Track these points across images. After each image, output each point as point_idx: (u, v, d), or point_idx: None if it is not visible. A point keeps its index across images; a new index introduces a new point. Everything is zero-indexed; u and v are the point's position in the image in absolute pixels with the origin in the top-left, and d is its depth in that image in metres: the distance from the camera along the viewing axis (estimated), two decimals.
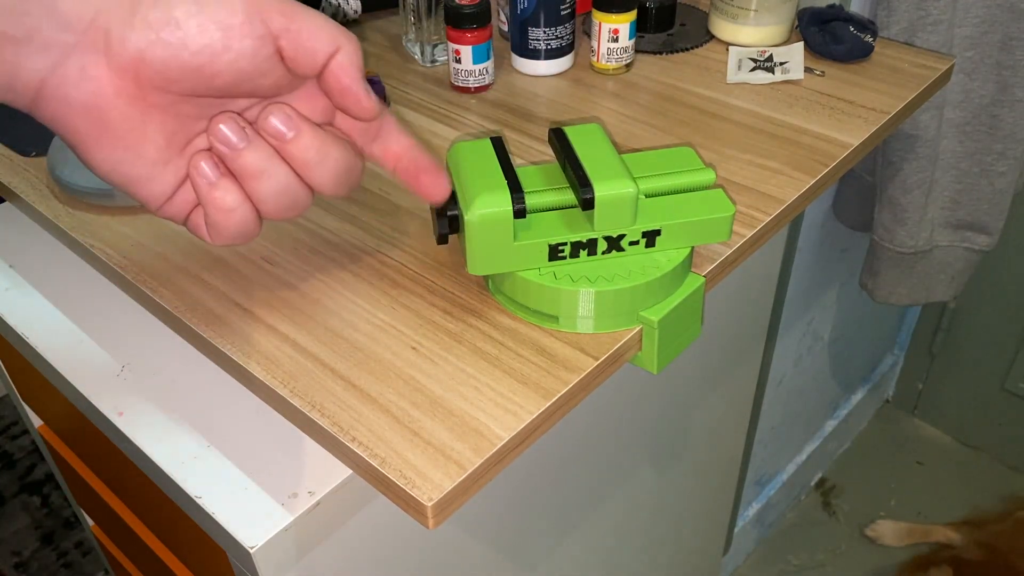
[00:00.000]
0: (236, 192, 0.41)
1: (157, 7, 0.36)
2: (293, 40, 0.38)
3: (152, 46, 0.36)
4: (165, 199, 0.41)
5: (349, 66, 0.40)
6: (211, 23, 0.37)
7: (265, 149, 0.41)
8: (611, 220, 0.46)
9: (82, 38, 0.36)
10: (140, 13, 0.36)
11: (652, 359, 0.49)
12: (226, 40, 0.37)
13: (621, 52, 0.71)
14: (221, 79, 0.38)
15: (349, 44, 0.40)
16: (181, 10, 0.36)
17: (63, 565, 1.52)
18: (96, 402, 0.50)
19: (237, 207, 0.41)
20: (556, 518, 0.69)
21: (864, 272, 1.18)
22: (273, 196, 0.41)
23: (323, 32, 0.39)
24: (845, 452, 1.68)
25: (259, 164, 0.40)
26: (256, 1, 0.37)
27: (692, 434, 0.86)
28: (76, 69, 0.36)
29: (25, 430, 1.73)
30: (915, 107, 0.70)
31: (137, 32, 0.36)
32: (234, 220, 0.41)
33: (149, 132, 0.39)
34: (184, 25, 0.36)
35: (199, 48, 0.37)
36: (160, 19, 0.36)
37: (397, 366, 0.46)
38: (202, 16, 0.36)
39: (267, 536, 0.43)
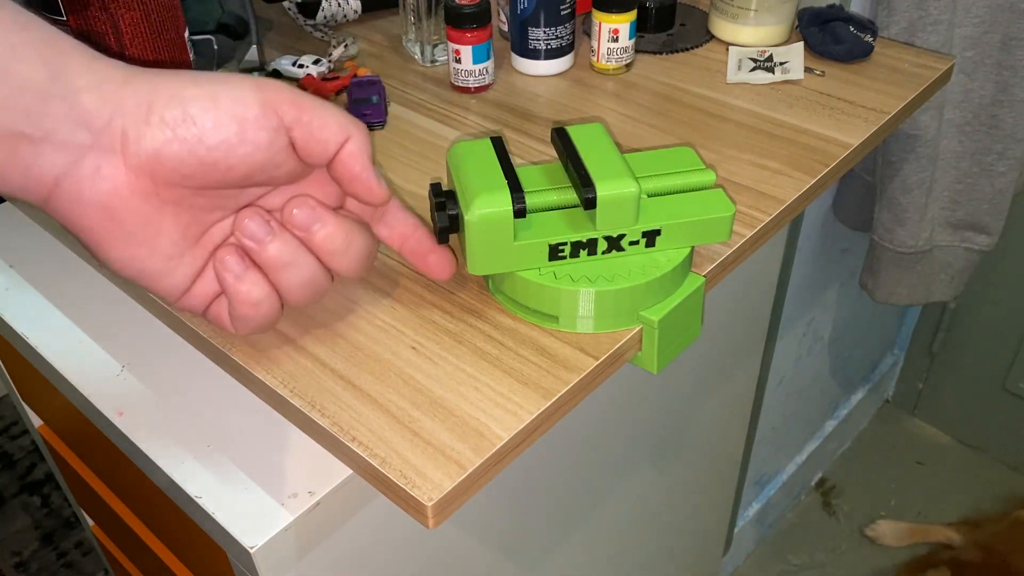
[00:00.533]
0: (263, 285, 0.42)
1: (172, 105, 0.37)
2: (305, 131, 0.39)
3: (168, 144, 0.37)
4: (183, 291, 0.42)
5: (360, 154, 0.41)
6: (227, 118, 0.37)
7: (291, 241, 0.42)
8: (613, 219, 0.46)
9: (99, 139, 0.36)
10: (156, 112, 0.37)
11: (652, 359, 0.49)
12: (241, 134, 0.38)
13: (621, 52, 0.71)
14: (236, 172, 0.39)
15: (359, 133, 0.41)
16: (196, 107, 0.37)
17: (63, 565, 1.52)
18: (96, 402, 0.50)
19: (263, 300, 0.42)
20: (556, 518, 0.69)
21: (864, 272, 1.18)
22: (299, 286, 0.42)
23: (333, 122, 0.40)
24: (845, 452, 1.68)
25: (286, 256, 0.41)
26: (269, 95, 0.38)
27: (692, 434, 0.86)
28: (91, 168, 0.37)
29: (25, 430, 1.73)
30: (915, 107, 0.70)
31: (153, 130, 0.37)
32: (261, 312, 0.42)
33: (164, 227, 0.39)
34: (200, 121, 0.37)
35: (215, 143, 0.37)
36: (176, 117, 0.37)
37: (397, 366, 0.46)
38: (218, 111, 0.37)
39: (267, 536, 0.43)
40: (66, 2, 0.51)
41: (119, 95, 0.36)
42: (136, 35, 0.52)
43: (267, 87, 0.38)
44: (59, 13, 0.51)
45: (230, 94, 0.37)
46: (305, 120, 0.39)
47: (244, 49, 0.74)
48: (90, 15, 0.51)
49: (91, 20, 0.51)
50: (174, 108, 0.37)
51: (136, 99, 0.37)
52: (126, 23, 0.51)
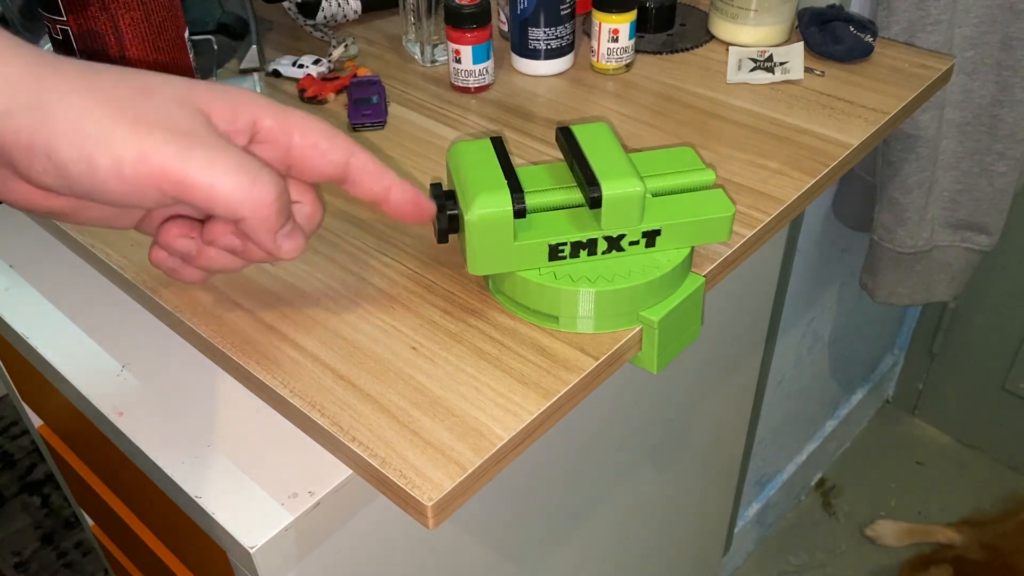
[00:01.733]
0: (200, 276, 0.45)
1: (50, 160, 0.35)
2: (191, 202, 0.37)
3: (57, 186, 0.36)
4: (134, 226, 0.44)
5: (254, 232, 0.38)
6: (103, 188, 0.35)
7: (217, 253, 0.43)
8: (618, 219, 0.46)
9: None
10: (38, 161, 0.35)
11: (652, 359, 0.49)
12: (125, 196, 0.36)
13: (621, 52, 0.71)
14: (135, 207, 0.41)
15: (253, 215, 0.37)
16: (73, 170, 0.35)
17: (63, 565, 1.52)
18: (96, 402, 0.50)
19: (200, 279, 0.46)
20: (556, 518, 0.69)
21: (864, 272, 1.18)
22: (240, 267, 0.44)
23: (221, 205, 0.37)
24: (845, 452, 1.68)
25: (215, 264, 0.43)
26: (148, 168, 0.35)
27: (692, 434, 0.86)
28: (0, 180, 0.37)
29: (25, 430, 1.73)
30: (915, 107, 0.70)
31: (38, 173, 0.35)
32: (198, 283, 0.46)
33: (91, 209, 0.41)
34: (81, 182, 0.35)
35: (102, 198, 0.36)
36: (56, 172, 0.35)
37: (397, 366, 0.46)
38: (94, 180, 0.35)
39: (267, 536, 0.43)
40: (66, 2, 0.51)
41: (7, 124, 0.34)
42: (136, 35, 0.52)
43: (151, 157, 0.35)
44: (59, 13, 0.51)
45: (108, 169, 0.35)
46: (189, 198, 0.36)
47: (244, 49, 0.74)
48: (90, 15, 0.51)
49: (91, 20, 0.51)
50: (53, 164, 0.35)
51: (16, 138, 0.34)
52: (126, 23, 0.51)
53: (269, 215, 0.38)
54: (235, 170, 0.36)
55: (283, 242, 0.39)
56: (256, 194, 0.37)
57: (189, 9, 0.69)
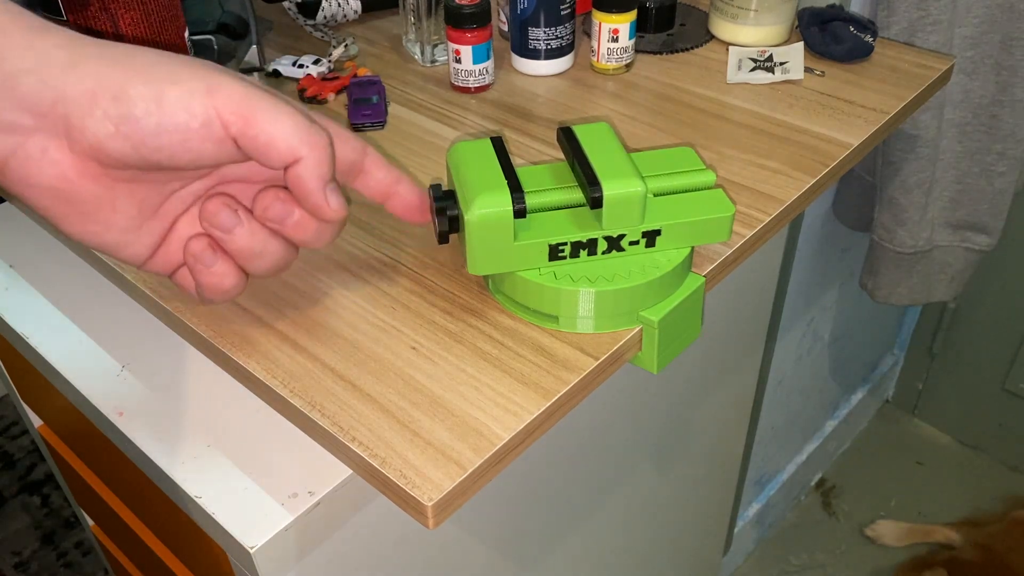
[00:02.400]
0: (231, 274, 0.42)
1: (118, 102, 0.35)
2: (251, 144, 0.38)
3: (111, 138, 0.36)
4: (145, 259, 0.42)
5: (308, 178, 0.39)
6: (170, 124, 0.36)
7: (259, 231, 0.41)
8: (619, 219, 0.46)
9: (42, 122, 0.36)
10: (101, 105, 0.35)
11: (652, 359, 0.49)
12: (184, 143, 0.37)
13: (621, 52, 0.71)
14: (184, 167, 0.38)
15: (310, 154, 0.38)
16: (140, 108, 0.36)
17: (63, 565, 1.52)
18: (96, 402, 0.50)
19: (232, 287, 0.42)
20: (556, 518, 0.69)
21: (864, 272, 1.18)
22: (266, 269, 0.43)
23: (282, 142, 0.38)
24: (845, 452, 1.68)
25: (256, 246, 0.42)
26: (219, 102, 0.36)
27: (692, 434, 0.86)
28: (38, 151, 0.36)
29: (25, 430, 1.73)
30: (915, 107, 0.70)
31: (96, 123, 0.36)
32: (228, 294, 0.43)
33: (118, 204, 0.39)
34: (143, 123, 0.36)
35: (158, 146, 0.36)
36: (119, 114, 0.35)
37: (397, 366, 0.46)
38: (161, 115, 0.36)
39: (267, 536, 0.43)
40: (66, 2, 0.51)
41: (62, 80, 0.35)
42: (136, 35, 0.52)
43: (220, 91, 0.36)
44: (59, 13, 0.51)
45: (177, 99, 0.36)
46: (251, 134, 0.37)
47: (244, 49, 0.74)
48: (90, 15, 0.51)
49: (91, 20, 0.51)
50: (119, 105, 0.35)
51: (80, 87, 0.35)
52: (126, 23, 0.51)
53: (324, 157, 0.39)
54: (294, 113, 0.38)
55: (331, 196, 0.40)
56: (314, 135, 0.38)
57: (189, 9, 0.69)
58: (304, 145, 0.38)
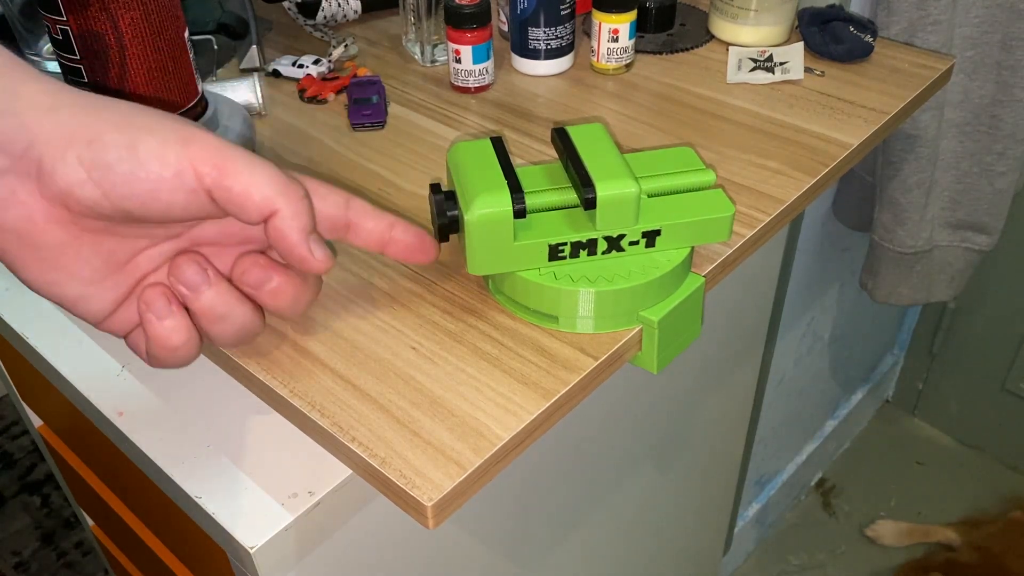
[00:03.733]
0: (183, 331, 0.40)
1: (91, 147, 0.35)
2: (224, 197, 0.36)
3: (82, 184, 0.35)
4: (104, 316, 0.40)
5: (288, 231, 0.38)
6: (142, 173, 0.35)
7: (227, 292, 0.40)
8: (613, 220, 0.46)
9: (15, 164, 0.35)
10: (74, 150, 0.35)
11: (652, 359, 0.49)
12: (155, 191, 0.36)
13: (621, 52, 0.71)
14: (154, 219, 0.37)
15: (288, 205, 0.37)
16: (113, 154, 0.35)
17: (63, 565, 1.52)
18: (96, 402, 0.50)
19: (181, 346, 0.40)
20: (556, 518, 0.69)
21: (864, 272, 1.18)
22: (230, 335, 0.41)
23: (257, 195, 0.37)
24: (845, 452, 1.68)
25: (220, 308, 0.40)
26: (193, 152, 0.36)
27: (692, 434, 0.86)
28: (6, 192, 0.35)
29: (25, 430, 1.73)
30: (915, 107, 0.70)
31: (68, 168, 0.35)
32: (177, 356, 0.40)
33: (83, 254, 0.38)
34: (115, 170, 0.35)
35: (128, 194, 0.36)
36: (92, 160, 0.35)
37: (397, 366, 0.46)
38: (134, 164, 0.35)
39: (267, 536, 0.43)
40: (66, 2, 0.51)
41: (40, 123, 0.35)
42: (136, 35, 0.52)
43: (194, 143, 0.36)
44: (59, 13, 0.51)
45: (151, 148, 0.35)
46: (226, 185, 0.36)
47: (244, 49, 0.74)
48: (90, 15, 0.51)
49: (91, 20, 0.51)
50: (92, 151, 0.35)
51: (57, 131, 0.35)
52: (126, 23, 0.51)
53: (302, 207, 0.38)
54: (269, 166, 0.37)
55: (315, 247, 0.39)
56: (290, 186, 0.38)
57: (189, 9, 0.69)
58: (280, 196, 0.37)
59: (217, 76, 0.73)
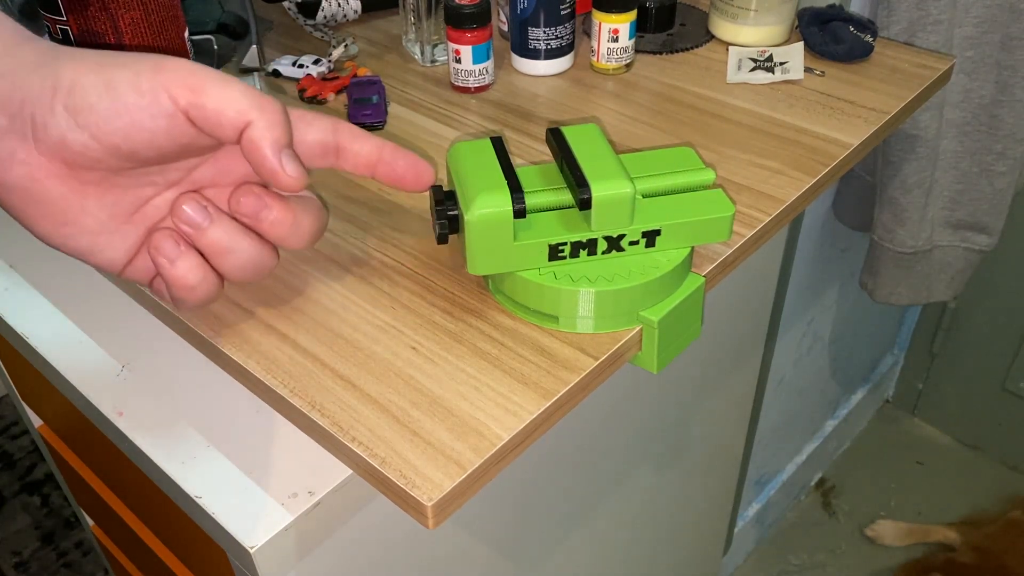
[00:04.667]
0: (197, 269, 0.41)
1: (73, 93, 0.36)
2: (200, 114, 0.37)
3: (71, 131, 0.37)
4: (123, 265, 0.42)
5: (260, 141, 0.38)
6: (121, 106, 0.37)
7: (230, 226, 0.41)
8: (609, 220, 0.46)
9: (12, 124, 0.37)
10: (59, 99, 0.36)
11: (652, 359, 0.49)
12: (137, 122, 0.37)
13: (621, 52, 0.71)
14: (144, 154, 0.38)
15: (261, 116, 0.38)
16: (93, 95, 0.36)
17: (63, 565, 1.52)
18: (96, 402, 0.50)
19: (199, 284, 0.41)
20: (556, 518, 0.69)
21: (864, 272, 1.18)
22: (239, 268, 0.42)
23: (231, 107, 0.37)
24: (845, 452, 1.68)
25: (225, 242, 0.41)
26: (165, 77, 0.37)
27: (692, 434, 0.86)
28: (7, 152, 0.37)
29: (25, 430, 1.73)
30: (915, 107, 0.70)
31: (57, 118, 0.37)
32: (197, 295, 0.42)
33: (88, 207, 0.39)
34: (96, 109, 0.36)
35: (112, 130, 0.37)
36: (75, 106, 0.36)
37: (397, 366, 0.46)
38: (113, 99, 0.37)
39: (267, 536, 0.43)
40: (66, 2, 0.51)
41: (28, 81, 0.36)
42: (136, 35, 0.52)
43: (166, 69, 0.37)
44: (59, 13, 0.51)
45: (126, 80, 0.37)
46: (200, 103, 0.37)
47: (244, 49, 0.74)
48: (90, 15, 0.51)
49: (91, 20, 0.51)
50: (74, 96, 0.36)
51: (42, 85, 0.36)
52: (126, 23, 0.51)
53: (276, 119, 0.38)
54: (242, 83, 0.38)
55: (287, 162, 0.39)
56: (264, 99, 0.38)
57: (189, 9, 0.69)
58: (254, 108, 0.38)
59: None
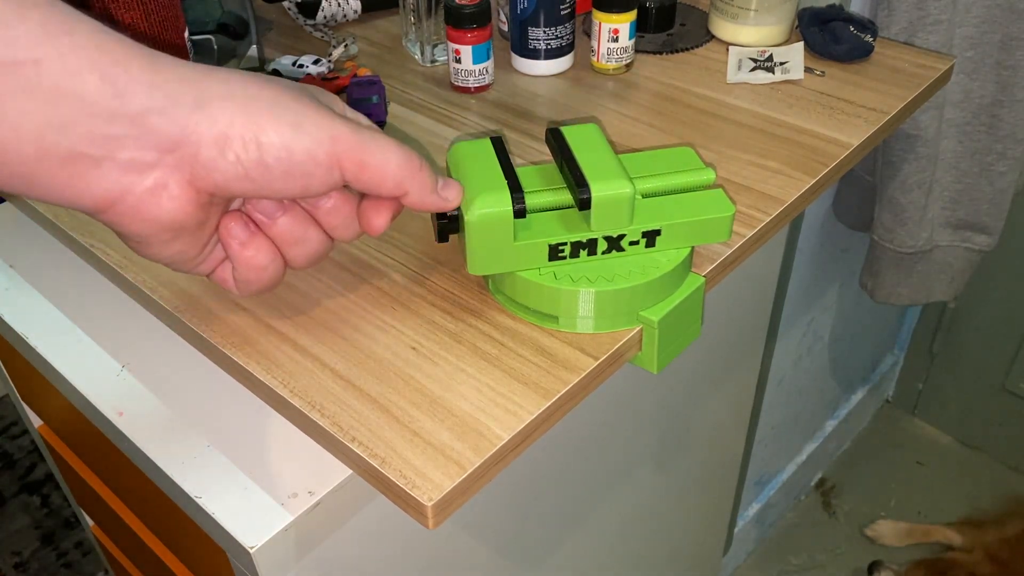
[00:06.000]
0: (267, 251, 0.43)
1: (248, 149, 0.37)
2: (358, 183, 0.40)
3: (239, 179, 0.37)
4: (199, 262, 0.43)
5: (421, 203, 0.43)
6: (298, 172, 0.38)
7: (300, 216, 0.43)
8: (608, 220, 0.46)
9: (165, 157, 0.36)
10: (232, 149, 0.37)
11: (652, 359, 0.49)
12: (305, 188, 0.39)
13: (621, 52, 0.71)
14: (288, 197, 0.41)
15: (415, 185, 0.41)
16: (272, 156, 0.37)
17: (63, 565, 1.52)
18: (96, 402, 0.50)
19: (268, 264, 0.43)
20: (556, 518, 0.69)
21: (864, 272, 1.18)
22: (305, 257, 0.44)
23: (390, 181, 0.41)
24: (845, 452, 1.68)
25: (297, 232, 0.43)
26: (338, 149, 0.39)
27: (692, 434, 0.86)
28: (156, 185, 0.37)
29: (25, 430, 1.73)
30: (915, 107, 0.70)
31: (228, 165, 0.37)
32: (266, 276, 0.43)
33: (210, 224, 0.41)
34: (272, 170, 0.38)
35: (281, 188, 0.39)
36: (251, 160, 0.37)
37: (397, 366, 0.46)
38: (291, 163, 0.38)
39: (267, 536, 0.43)
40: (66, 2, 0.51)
41: (191, 120, 0.36)
42: (136, 35, 0.52)
43: (341, 140, 0.39)
44: None
45: (305, 149, 0.38)
46: (364, 179, 0.40)
47: (244, 49, 0.74)
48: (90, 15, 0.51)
49: None
50: (251, 151, 0.37)
51: (212, 130, 0.36)
52: (126, 23, 0.51)
53: (424, 178, 0.42)
54: (396, 148, 0.41)
55: (446, 192, 0.43)
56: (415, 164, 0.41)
57: (189, 9, 0.69)
58: (407, 178, 0.41)
59: None
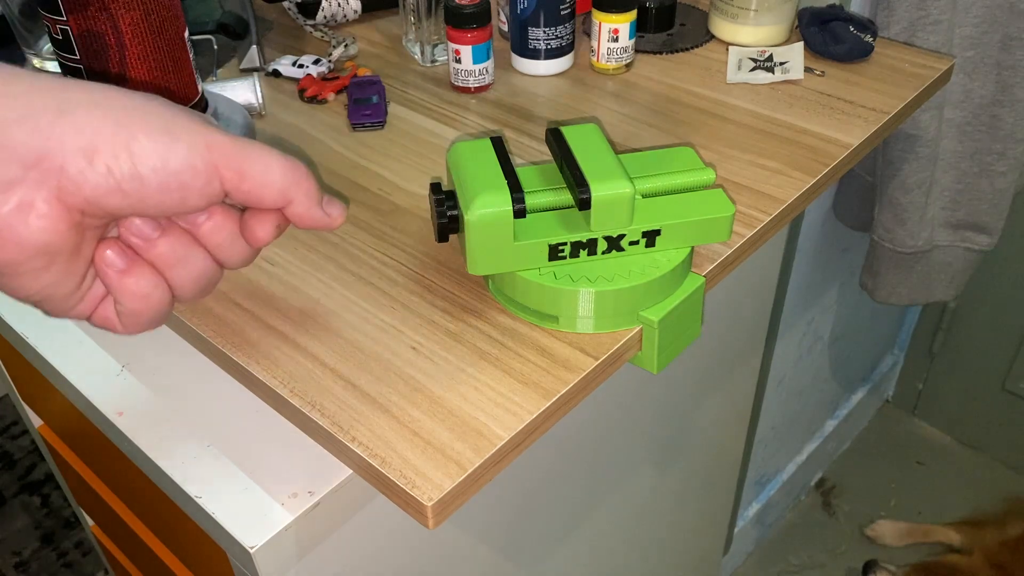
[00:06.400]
0: (149, 276, 0.39)
1: (120, 158, 0.34)
2: (240, 195, 0.38)
3: (111, 192, 0.35)
4: (76, 304, 0.39)
5: (305, 214, 0.40)
6: (174, 184, 0.36)
7: (181, 236, 0.40)
8: (608, 220, 0.46)
9: (29, 173, 0.33)
10: (102, 159, 0.34)
11: (652, 359, 0.49)
12: (182, 201, 0.36)
13: (621, 52, 0.71)
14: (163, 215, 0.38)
15: (299, 192, 0.39)
16: (146, 167, 0.35)
17: (63, 565, 1.52)
18: (96, 402, 0.50)
19: (152, 291, 0.39)
20: (556, 518, 0.69)
21: (864, 272, 1.18)
22: (191, 281, 0.40)
23: (273, 190, 0.38)
24: (845, 452, 1.68)
25: (179, 252, 0.39)
26: (214, 157, 0.36)
27: (692, 434, 0.86)
28: (22, 204, 0.34)
29: (25, 430, 1.73)
30: (915, 107, 0.70)
31: (98, 177, 0.34)
32: (151, 305, 0.40)
33: (85, 251, 0.37)
34: (147, 181, 0.35)
35: (156, 202, 0.36)
36: (123, 172, 0.34)
37: (397, 366, 0.46)
38: (166, 175, 0.35)
39: (267, 536, 0.43)
40: (66, 2, 0.51)
41: (55, 130, 0.33)
42: (136, 35, 0.52)
43: (218, 147, 0.36)
44: (59, 13, 0.51)
45: (181, 158, 0.35)
46: (245, 189, 0.37)
47: (244, 49, 0.74)
48: (90, 15, 0.51)
49: (91, 20, 0.51)
50: (123, 162, 0.34)
51: (78, 138, 0.34)
52: (126, 23, 0.51)
53: (310, 188, 0.39)
54: (278, 156, 0.38)
55: (330, 209, 0.40)
56: (299, 173, 0.39)
57: (189, 9, 0.69)
58: (292, 187, 0.39)
59: (217, 76, 0.73)
